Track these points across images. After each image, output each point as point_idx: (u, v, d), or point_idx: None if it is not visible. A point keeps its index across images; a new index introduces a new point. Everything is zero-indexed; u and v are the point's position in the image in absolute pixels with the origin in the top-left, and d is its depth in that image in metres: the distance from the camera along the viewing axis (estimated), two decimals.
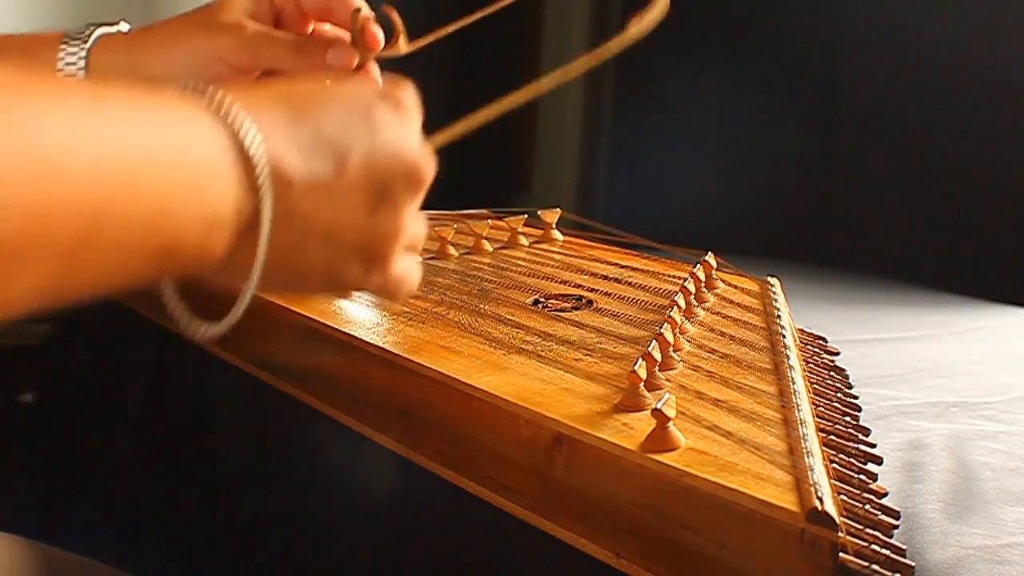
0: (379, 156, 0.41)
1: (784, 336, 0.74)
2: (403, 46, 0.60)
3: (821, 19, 1.69)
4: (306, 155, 0.39)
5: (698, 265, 0.89)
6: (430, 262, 0.97)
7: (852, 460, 0.58)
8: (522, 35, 2.14)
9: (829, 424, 0.62)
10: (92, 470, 1.10)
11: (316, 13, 0.63)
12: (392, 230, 0.43)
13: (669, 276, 0.91)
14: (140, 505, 1.02)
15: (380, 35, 0.61)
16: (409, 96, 0.44)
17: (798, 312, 0.86)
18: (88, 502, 1.09)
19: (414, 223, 0.44)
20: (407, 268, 0.45)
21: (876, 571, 0.46)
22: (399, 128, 0.43)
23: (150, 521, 1.00)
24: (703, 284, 0.85)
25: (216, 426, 0.94)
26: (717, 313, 0.81)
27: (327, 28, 0.63)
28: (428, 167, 0.43)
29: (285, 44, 0.60)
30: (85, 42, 0.59)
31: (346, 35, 0.62)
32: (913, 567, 0.48)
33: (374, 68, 0.61)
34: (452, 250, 0.99)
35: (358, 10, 0.61)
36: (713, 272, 0.90)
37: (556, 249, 1.03)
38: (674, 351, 0.68)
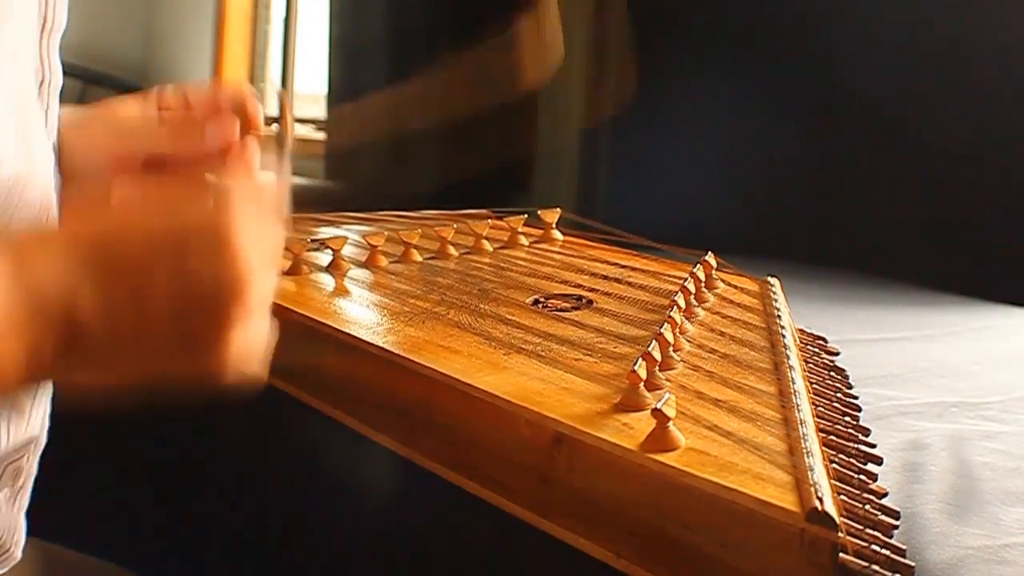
0: (189, 293, 0.42)
1: (784, 336, 0.74)
2: (289, 133, 0.60)
3: (821, 19, 1.69)
4: (105, 306, 0.41)
5: (698, 265, 0.89)
6: (430, 262, 0.97)
7: (852, 460, 0.58)
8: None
9: (829, 424, 0.62)
10: (93, 468, 1.10)
11: (206, 110, 0.63)
12: (213, 342, 0.43)
13: (669, 276, 0.91)
14: (141, 503, 1.02)
15: (260, 111, 0.61)
16: (237, 219, 0.43)
17: (798, 312, 0.86)
18: (89, 499, 1.09)
19: (260, 288, 0.44)
20: (248, 344, 0.45)
21: (876, 571, 0.46)
22: (214, 262, 0.42)
23: (151, 519, 1.00)
24: (703, 284, 0.85)
25: (216, 425, 0.94)
26: (717, 313, 0.81)
27: None
28: (250, 288, 0.43)
29: (160, 127, 0.61)
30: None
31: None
32: (913, 567, 0.48)
33: (254, 146, 0.60)
34: (452, 250, 0.99)
35: (240, 92, 0.61)
36: (713, 272, 0.90)
37: (556, 249, 1.03)
38: (674, 351, 0.68)
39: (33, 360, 0.41)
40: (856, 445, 0.61)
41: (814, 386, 0.69)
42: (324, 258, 0.96)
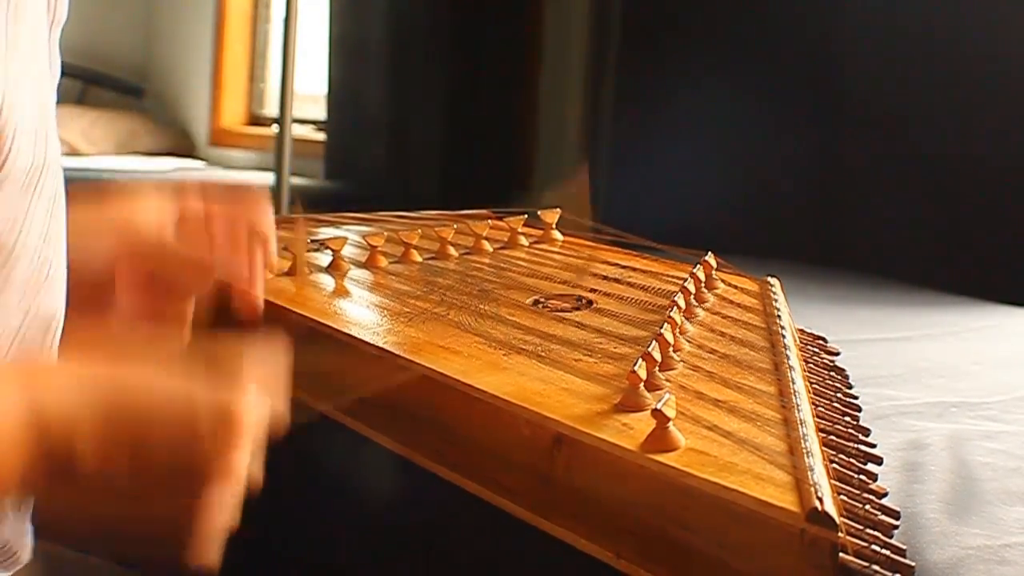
0: (184, 466, 0.45)
1: (784, 336, 0.74)
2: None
3: (822, 19, 1.69)
4: (104, 451, 0.44)
5: (698, 265, 0.89)
6: (430, 262, 0.97)
7: (852, 460, 0.58)
8: (522, 34, 2.14)
9: (829, 424, 0.63)
10: None
11: (223, 226, 0.65)
12: (191, 510, 0.47)
13: (669, 276, 0.91)
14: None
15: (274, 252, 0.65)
16: (249, 411, 0.47)
17: (798, 312, 0.86)
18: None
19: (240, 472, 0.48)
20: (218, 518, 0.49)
21: (876, 571, 0.46)
22: (215, 447, 0.46)
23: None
24: (703, 284, 0.85)
25: None
26: (717, 313, 0.81)
27: None
28: (238, 478, 0.48)
29: (175, 254, 0.63)
30: None
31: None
32: (913, 567, 0.48)
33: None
34: (452, 250, 0.99)
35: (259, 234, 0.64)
36: (713, 272, 0.90)
37: (556, 249, 1.03)
38: (674, 351, 0.68)
39: (26, 477, 0.43)
40: (856, 445, 0.61)
41: (814, 386, 0.69)
42: (324, 258, 0.96)
